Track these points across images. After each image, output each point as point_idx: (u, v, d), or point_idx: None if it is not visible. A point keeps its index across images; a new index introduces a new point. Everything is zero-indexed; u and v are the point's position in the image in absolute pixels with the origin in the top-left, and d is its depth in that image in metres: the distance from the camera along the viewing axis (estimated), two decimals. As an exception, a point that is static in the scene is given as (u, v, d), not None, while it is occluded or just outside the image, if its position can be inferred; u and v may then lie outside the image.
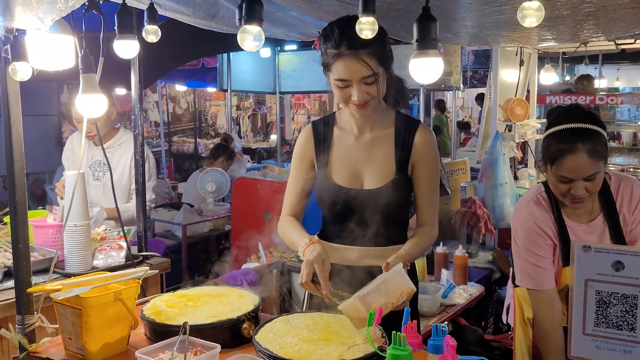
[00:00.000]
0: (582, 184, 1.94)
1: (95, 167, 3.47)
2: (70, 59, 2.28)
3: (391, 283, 1.71)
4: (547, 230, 2.10)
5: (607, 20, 3.38)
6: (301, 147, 2.14)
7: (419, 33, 1.45)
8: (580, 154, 1.91)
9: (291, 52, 7.12)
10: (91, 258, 2.74)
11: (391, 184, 1.98)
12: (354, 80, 1.86)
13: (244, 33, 1.40)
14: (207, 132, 13.52)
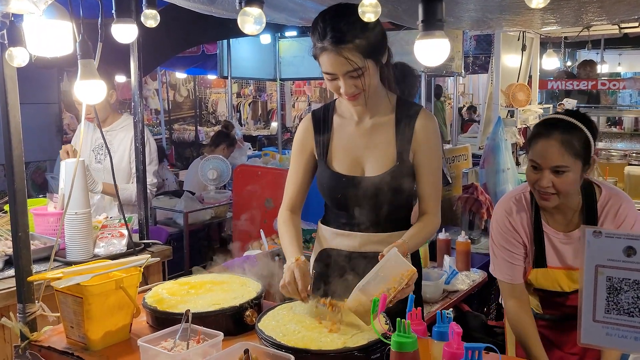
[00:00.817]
0: (550, 176, 1.92)
1: (98, 150, 3.46)
2: (68, 45, 2.26)
3: (388, 268, 1.69)
4: (519, 230, 2.09)
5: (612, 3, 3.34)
6: (301, 137, 2.12)
7: (425, 14, 1.42)
8: (552, 141, 1.90)
9: (291, 38, 7.07)
10: (92, 246, 2.72)
11: (392, 171, 1.96)
12: (339, 74, 1.83)
13: (245, 16, 1.37)
14: (208, 120, 13.50)
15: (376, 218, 1.99)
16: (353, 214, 2.01)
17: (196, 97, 12.58)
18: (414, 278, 1.71)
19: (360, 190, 1.98)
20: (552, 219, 2.07)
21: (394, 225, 2.02)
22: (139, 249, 2.80)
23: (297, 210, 2.16)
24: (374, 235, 2.01)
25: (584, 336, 0.95)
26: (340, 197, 2.02)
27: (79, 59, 1.87)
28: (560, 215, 2.06)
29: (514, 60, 5.17)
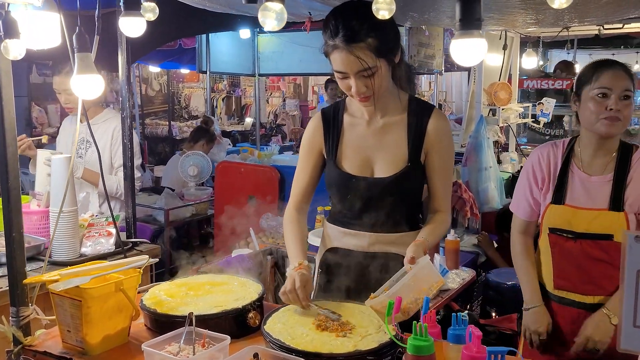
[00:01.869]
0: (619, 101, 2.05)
1: (79, 144, 3.38)
2: (56, 37, 2.18)
3: (420, 277, 1.66)
4: (548, 165, 2.22)
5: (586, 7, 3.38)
6: (310, 136, 2.08)
7: (462, 13, 1.39)
8: (619, 70, 2.08)
9: (270, 33, 7.00)
10: (79, 245, 2.65)
11: (403, 172, 1.93)
12: (350, 73, 1.80)
13: (266, 11, 1.33)
14: (181, 115, 13.30)
15: (386, 218, 1.97)
16: (362, 214, 1.99)
17: (169, 92, 12.37)
18: (439, 289, 1.71)
19: (370, 191, 1.95)
20: (587, 160, 2.17)
21: (404, 225, 1.99)
22: (126, 248, 2.73)
23: (304, 210, 2.13)
24: (383, 236, 1.98)
25: (624, 342, 0.94)
26: (350, 197, 1.99)
27: (76, 52, 1.80)
28: (598, 158, 2.15)
29: (495, 59, 5.20)
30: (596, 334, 2.07)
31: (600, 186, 2.12)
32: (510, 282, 3.55)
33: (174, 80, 12.97)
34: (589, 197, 2.13)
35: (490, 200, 4.75)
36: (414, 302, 1.66)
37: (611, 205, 2.08)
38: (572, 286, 2.19)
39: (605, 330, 2.06)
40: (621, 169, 2.10)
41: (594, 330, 2.07)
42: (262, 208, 4.36)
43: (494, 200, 4.74)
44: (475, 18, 1.36)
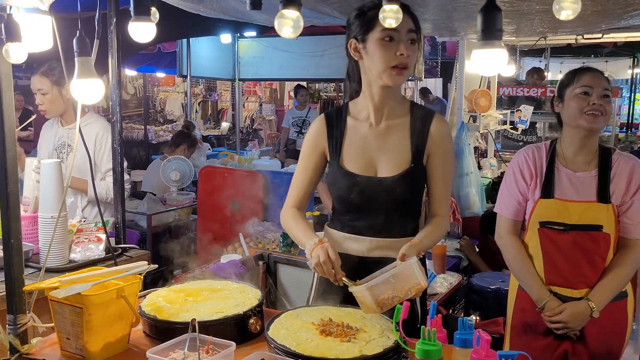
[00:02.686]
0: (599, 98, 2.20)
1: (60, 149, 3.32)
2: (48, 40, 2.16)
3: (401, 276, 1.70)
4: (534, 164, 2.31)
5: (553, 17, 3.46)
6: (312, 138, 2.11)
7: (484, 23, 1.42)
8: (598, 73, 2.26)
9: (251, 38, 7.00)
10: (68, 251, 2.61)
11: (407, 172, 1.97)
12: (402, 31, 1.86)
13: (282, 19, 1.33)
14: (156, 119, 13.18)
15: (386, 221, 2.00)
16: (363, 216, 2.02)
17: (145, 95, 12.24)
18: (420, 292, 1.74)
19: (374, 191, 1.99)
20: (570, 158, 2.28)
21: (403, 230, 2.02)
22: (117, 253, 2.70)
23: (302, 210, 2.15)
24: (383, 241, 2.01)
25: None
26: (354, 196, 2.01)
27: (76, 56, 1.78)
28: (580, 156, 2.27)
29: (475, 67, 5.27)
30: (574, 322, 2.17)
31: (586, 181, 2.23)
32: (494, 286, 3.60)
33: (149, 83, 12.85)
34: (576, 191, 2.24)
35: (471, 205, 4.81)
36: (390, 298, 1.69)
37: (599, 197, 2.19)
38: (563, 280, 2.25)
39: (582, 321, 2.17)
40: (604, 166, 2.23)
41: (573, 319, 2.17)
42: (247, 213, 4.35)
43: (475, 206, 4.80)
44: (496, 29, 1.39)
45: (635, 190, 2.19)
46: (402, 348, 1.61)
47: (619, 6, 2.67)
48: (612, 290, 2.18)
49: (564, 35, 5.45)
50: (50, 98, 3.22)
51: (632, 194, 2.19)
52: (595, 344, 2.21)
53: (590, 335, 2.21)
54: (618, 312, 2.24)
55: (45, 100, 3.22)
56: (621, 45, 9.55)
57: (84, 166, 3.11)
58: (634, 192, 2.19)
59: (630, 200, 2.19)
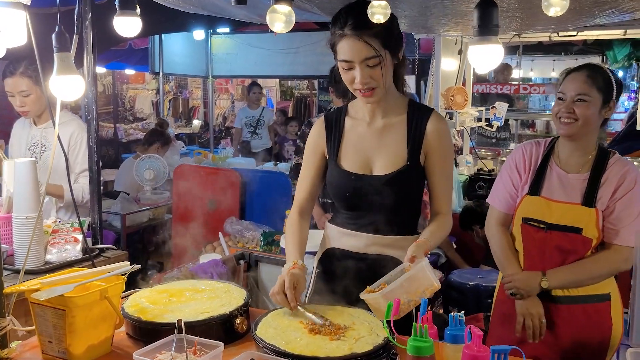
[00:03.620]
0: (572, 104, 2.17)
1: (34, 148, 3.23)
2: (22, 36, 2.09)
3: (414, 280, 1.68)
4: (528, 160, 2.32)
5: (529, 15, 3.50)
6: (313, 140, 2.13)
7: (480, 19, 1.41)
8: (581, 74, 2.19)
9: (224, 35, 6.93)
10: (44, 252, 2.54)
11: (402, 171, 1.96)
12: (356, 61, 1.84)
13: (274, 13, 1.31)
14: (125, 117, 12.97)
15: (383, 219, 1.99)
16: (360, 213, 2.02)
17: (114, 93, 12.04)
18: (433, 293, 1.73)
19: (368, 189, 1.98)
20: (564, 159, 2.27)
21: (400, 229, 2.00)
22: (94, 254, 2.64)
23: (307, 214, 2.15)
24: (380, 238, 2.00)
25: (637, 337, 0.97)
26: (349, 195, 2.02)
27: (55, 52, 1.72)
28: (575, 157, 2.25)
29: (450, 64, 5.31)
30: (522, 284, 2.19)
31: (576, 183, 2.22)
32: (472, 283, 3.63)
33: (118, 81, 12.64)
34: (564, 191, 2.23)
35: (448, 202, 4.85)
36: (407, 303, 1.68)
37: (584, 200, 2.17)
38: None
39: (530, 285, 2.19)
40: (597, 170, 2.20)
41: (522, 279, 2.20)
42: (224, 212, 4.31)
43: (453, 202, 4.84)
44: (493, 24, 1.38)
45: (622, 196, 2.15)
46: (392, 345, 1.61)
47: (596, 4, 2.70)
48: (569, 273, 2.16)
49: (538, 33, 5.51)
50: (33, 98, 3.11)
51: (617, 199, 2.15)
52: (568, 343, 2.21)
53: (564, 334, 2.22)
54: (597, 314, 2.20)
55: (27, 101, 3.10)
56: (591, 43, 9.72)
57: (58, 166, 3.04)
58: (620, 197, 2.15)
59: (614, 205, 2.15)
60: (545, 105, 12.73)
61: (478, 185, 5.11)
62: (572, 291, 2.21)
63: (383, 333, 1.65)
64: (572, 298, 2.21)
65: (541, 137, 9.78)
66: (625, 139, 5.67)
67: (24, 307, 1.80)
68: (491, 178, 5.09)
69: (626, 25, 4.96)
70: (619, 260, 2.15)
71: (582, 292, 2.20)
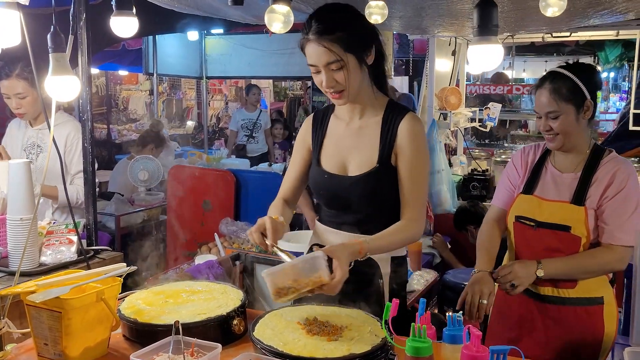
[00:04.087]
0: (547, 121, 2.18)
1: (30, 149, 3.21)
2: (16, 36, 2.08)
3: (301, 268, 1.67)
4: (525, 161, 2.37)
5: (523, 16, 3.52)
6: (302, 135, 2.18)
7: (480, 19, 1.41)
8: (543, 90, 2.17)
9: (218, 35, 6.91)
10: (38, 254, 2.52)
11: (370, 173, 1.97)
12: (320, 65, 1.87)
13: (273, 13, 1.30)
14: (119, 118, 12.92)
15: (359, 219, 2.02)
16: (338, 212, 2.07)
17: (108, 94, 11.99)
18: (324, 288, 1.68)
19: (340, 189, 2.01)
20: (559, 159, 2.30)
21: (376, 228, 1.98)
22: (89, 256, 2.63)
23: (291, 202, 2.18)
24: (357, 237, 1.99)
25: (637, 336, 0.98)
26: (323, 194, 2.08)
27: (50, 52, 1.71)
28: (569, 157, 2.27)
29: (445, 65, 5.33)
30: (520, 271, 2.14)
31: (568, 182, 2.23)
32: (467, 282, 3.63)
33: (111, 82, 12.59)
34: (556, 190, 2.25)
35: (443, 202, 4.87)
36: (286, 288, 1.67)
37: (573, 199, 2.18)
38: None
39: (528, 273, 2.14)
40: (589, 168, 2.20)
41: (520, 267, 2.15)
42: (219, 213, 4.30)
43: (447, 203, 4.86)
44: (492, 24, 1.38)
45: (614, 194, 2.14)
46: (390, 345, 1.61)
47: (590, 5, 2.72)
48: (563, 264, 2.15)
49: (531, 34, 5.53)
50: (30, 100, 3.09)
51: (609, 198, 2.15)
52: (560, 344, 2.21)
53: (554, 334, 2.22)
54: (588, 317, 2.20)
55: (24, 103, 3.09)
56: (583, 44, 9.76)
57: (53, 167, 3.02)
58: (611, 196, 2.15)
59: (606, 204, 2.15)
60: (538, 106, 12.79)
61: (472, 185, 5.12)
62: (563, 292, 2.21)
63: (381, 333, 1.65)
64: (562, 299, 2.21)
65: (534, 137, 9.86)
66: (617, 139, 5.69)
67: (19, 309, 1.79)
68: (485, 178, 5.11)
69: (619, 26, 4.99)
70: (613, 259, 2.14)
71: (572, 294, 2.20)
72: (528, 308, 2.28)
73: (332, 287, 1.67)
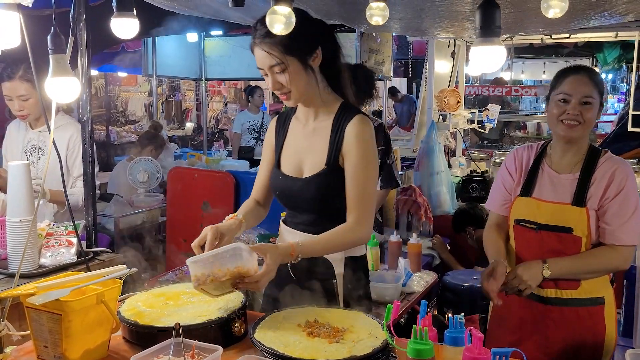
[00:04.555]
0: (578, 106, 2.14)
1: (31, 152, 3.20)
2: (16, 38, 2.07)
3: (221, 257, 1.70)
4: (520, 163, 2.34)
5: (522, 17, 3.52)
6: (267, 137, 2.24)
7: (483, 20, 1.41)
8: (583, 76, 2.17)
9: (218, 37, 6.91)
10: (38, 256, 2.52)
11: (319, 175, 2.00)
12: (264, 68, 1.93)
13: (274, 15, 1.30)
14: (118, 119, 12.92)
15: (312, 219, 2.06)
16: (293, 212, 2.12)
17: (107, 95, 11.99)
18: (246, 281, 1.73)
19: (293, 191, 2.06)
20: (556, 160, 2.27)
21: (330, 229, 1.98)
22: (89, 257, 2.62)
23: (263, 203, 2.24)
24: (310, 237, 2.01)
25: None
26: (279, 194, 2.13)
27: (51, 54, 1.71)
28: (566, 158, 2.25)
29: (444, 66, 5.33)
30: (525, 274, 2.12)
31: (567, 183, 2.22)
32: (467, 284, 3.64)
33: (111, 83, 12.60)
34: (555, 192, 2.23)
35: (442, 204, 4.87)
36: (206, 276, 1.70)
37: (574, 200, 2.17)
38: None
39: (533, 274, 2.12)
40: (587, 169, 2.19)
41: (524, 269, 2.13)
42: (219, 214, 4.28)
43: (446, 204, 4.86)
44: (495, 25, 1.38)
45: (614, 195, 2.14)
46: (391, 348, 1.60)
47: (590, 7, 2.72)
48: (569, 263, 2.14)
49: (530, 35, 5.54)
50: (32, 102, 3.07)
51: (610, 199, 2.14)
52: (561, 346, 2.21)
53: (556, 336, 2.22)
54: (590, 318, 2.20)
55: (27, 105, 3.07)
56: (581, 46, 9.79)
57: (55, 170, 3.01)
58: (612, 197, 2.14)
59: (607, 205, 2.15)
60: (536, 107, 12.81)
61: (471, 187, 5.14)
62: (566, 293, 2.20)
63: (382, 335, 1.65)
64: (564, 300, 2.20)
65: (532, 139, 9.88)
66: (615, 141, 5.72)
67: (19, 311, 1.79)
68: (484, 180, 5.12)
69: (618, 27, 5.00)
70: (617, 258, 2.15)
71: (575, 295, 2.20)
72: (529, 310, 2.27)
73: (255, 282, 1.74)
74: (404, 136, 7.15)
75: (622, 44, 9.96)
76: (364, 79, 3.23)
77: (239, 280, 1.73)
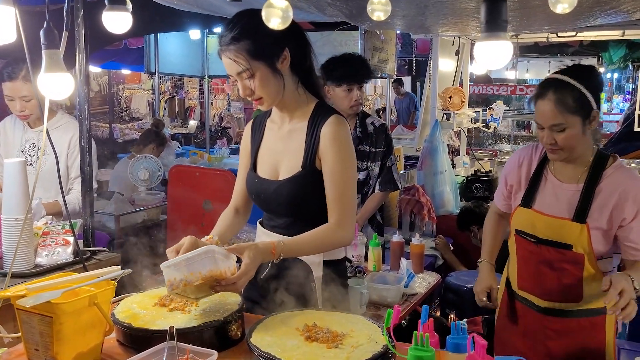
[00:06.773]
0: (551, 133, 2.01)
1: (29, 151, 3.15)
2: (11, 33, 2.04)
3: (194, 261, 1.67)
4: (522, 167, 2.25)
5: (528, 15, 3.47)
6: (243, 141, 2.20)
7: (488, 14, 1.36)
8: (547, 101, 2.00)
9: (220, 34, 6.87)
10: (34, 255, 2.48)
11: (295, 177, 1.96)
12: (233, 75, 1.89)
13: (270, 8, 1.26)
14: (121, 117, 12.91)
15: (288, 222, 2.02)
16: (270, 215, 2.08)
17: (110, 93, 11.97)
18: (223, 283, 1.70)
19: (268, 193, 2.01)
20: (560, 169, 2.15)
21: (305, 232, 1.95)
22: (86, 257, 2.58)
23: (242, 210, 2.22)
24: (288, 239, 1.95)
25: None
26: (254, 197, 2.10)
27: (44, 49, 1.66)
28: (570, 166, 2.12)
29: (448, 65, 5.28)
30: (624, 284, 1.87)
31: (569, 194, 2.11)
32: (470, 285, 3.58)
33: (114, 80, 12.58)
34: (557, 204, 2.13)
35: (446, 203, 4.82)
36: (178, 280, 1.67)
37: (575, 216, 2.07)
38: (531, 288, 2.24)
39: (629, 286, 1.88)
40: (592, 180, 2.07)
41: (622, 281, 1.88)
42: (219, 213, 4.24)
43: (450, 204, 4.81)
44: (502, 20, 1.33)
45: (634, 214, 2.01)
46: (391, 354, 1.56)
47: (597, 4, 2.66)
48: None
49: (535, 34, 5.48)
50: (35, 103, 2.99)
51: (629, 220, 2.02)
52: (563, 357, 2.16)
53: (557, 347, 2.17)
54: (592, 329, 2.14)
55: (29, 106, 3.01)
56: (587, 45, 9.72)
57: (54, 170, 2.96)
58: (632, 217, 2.01)
59: (628, 225, 2.02)
60: (542, 107, 12.73)
61: (475, 186, 5.08)
62: (569, 305, 2.15)
63: (382, 340, 1.60)
64: (566, 312, 2.16)
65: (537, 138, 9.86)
66: (620, 141, 5.66)
67: (11, 312, 1.75)
68: (488, 179, 5.06)
69: (624, 26, 4.94)
70: None
71: (576, 307, 2.15)
72: (532, 320, 2.23)
73: (232, 284, 1.71)
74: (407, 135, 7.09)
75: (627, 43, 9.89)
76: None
77: (215, 284, 1.70)
